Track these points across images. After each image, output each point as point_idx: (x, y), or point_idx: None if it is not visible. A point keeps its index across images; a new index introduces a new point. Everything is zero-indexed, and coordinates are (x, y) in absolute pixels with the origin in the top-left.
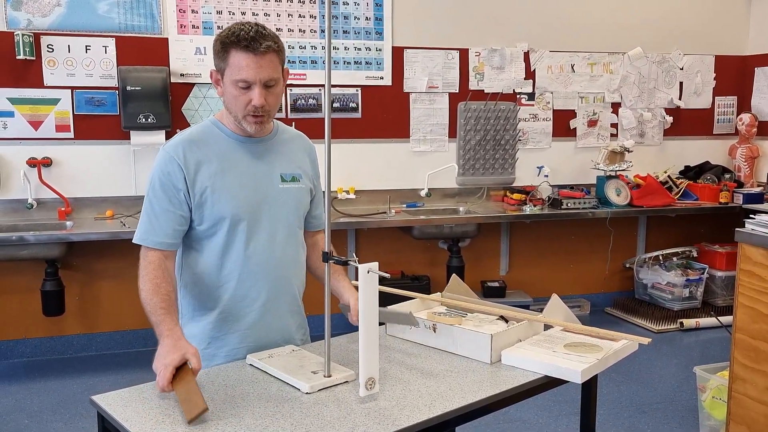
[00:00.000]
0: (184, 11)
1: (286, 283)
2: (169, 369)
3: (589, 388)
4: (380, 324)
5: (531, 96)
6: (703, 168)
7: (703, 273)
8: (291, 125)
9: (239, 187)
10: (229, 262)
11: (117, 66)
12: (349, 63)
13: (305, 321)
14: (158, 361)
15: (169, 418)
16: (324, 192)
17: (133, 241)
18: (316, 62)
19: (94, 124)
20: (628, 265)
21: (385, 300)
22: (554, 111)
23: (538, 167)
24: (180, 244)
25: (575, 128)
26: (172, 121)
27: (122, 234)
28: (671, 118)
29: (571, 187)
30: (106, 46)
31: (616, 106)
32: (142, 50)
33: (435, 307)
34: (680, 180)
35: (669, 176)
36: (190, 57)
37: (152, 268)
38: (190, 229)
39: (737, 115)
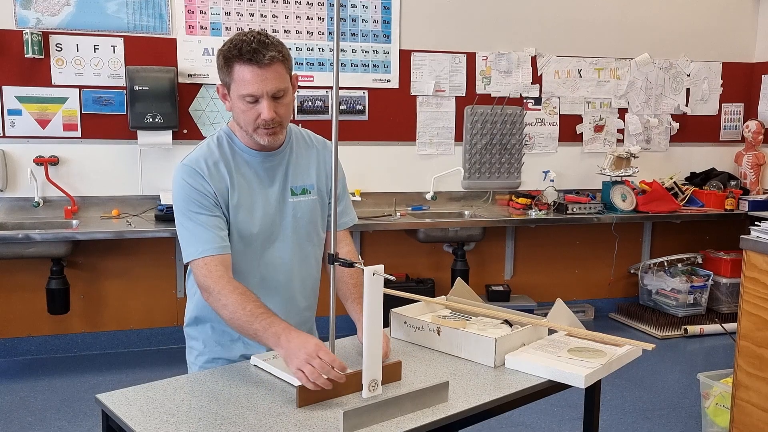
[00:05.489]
0: (193, 12)
1: (293, 302)
2: (337, 362)
3: (593, 393)
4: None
5: (538, 100)
6: (709, 175)
7: (707, 280)
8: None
9: (252, 206)
10: (241, 277)
11: (125, 66)
12: (356, 65)
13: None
14: (299, 357)
15: (174, 417)
16: (331, 194)
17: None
18: (323, 64)
19: (102, 123)
20: (632, 271)
21: (389, 303)
22: (561, 116)
23: (544, 172)
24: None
25: (581, 133)
26: (180, 122)
27: (127, 233)
28: (678, 124)
29: (577, 192)
30: (114, 46)
31: (622, 112)
32: (150, 50)
33: (439, 310)
34: (686, 186)
35: (675, 182)
36: (198, 58)
37: (225, 280)
38: None
39: (744, 122)
